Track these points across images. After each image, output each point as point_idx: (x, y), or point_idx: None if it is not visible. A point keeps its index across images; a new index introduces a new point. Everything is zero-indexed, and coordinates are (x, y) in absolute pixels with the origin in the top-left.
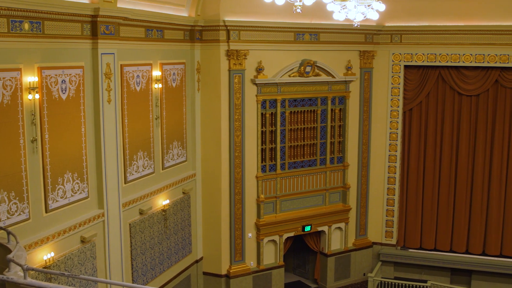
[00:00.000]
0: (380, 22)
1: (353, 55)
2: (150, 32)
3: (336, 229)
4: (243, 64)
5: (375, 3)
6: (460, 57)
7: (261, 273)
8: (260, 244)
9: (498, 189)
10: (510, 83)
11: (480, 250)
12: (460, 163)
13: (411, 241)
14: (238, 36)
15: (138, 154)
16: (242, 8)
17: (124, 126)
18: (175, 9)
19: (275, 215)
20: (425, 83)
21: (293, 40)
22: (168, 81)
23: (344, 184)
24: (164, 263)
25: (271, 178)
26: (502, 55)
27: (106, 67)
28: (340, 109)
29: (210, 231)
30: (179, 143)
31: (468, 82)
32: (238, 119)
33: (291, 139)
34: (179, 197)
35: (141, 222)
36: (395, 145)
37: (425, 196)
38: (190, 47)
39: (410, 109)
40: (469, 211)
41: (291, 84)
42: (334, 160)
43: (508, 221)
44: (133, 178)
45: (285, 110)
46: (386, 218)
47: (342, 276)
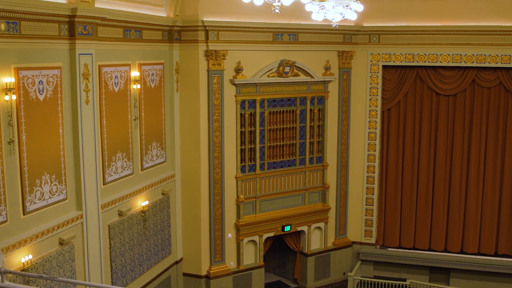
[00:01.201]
0: (358, 23)
1: (332, 55)
2: (128, 32)
3: (316, 229)
4: (222, 65)
5: (353, 3)
6: (437, 57)
7: (241, 274)
8: (240, 244)
9: (476, 187)
10: (486, 83)
11: (458, 248)
12: (438, 162)
13: (390, 240)
14: (217, 37)
15: (117, 155)
16: (221, 9)
17: (102, 127)
18: (153, 9)
19: (255, 215)
20: (403, 83)
21: (272, 41)
22: (146, 82)
23: (323, 184)
24: (144, 264)
25: (251, 179)
26: (479, 55)
27: (84, 67)
28: (319, 109)
29: (190, 232)
30: (158, 144)
31: (445, 82)
32: (217, 119)
33: (270, 139)
34: (159, 198)
35: (120, 223)
36: (373, 144)
37: (404, 195)
38: (169, 47)
39: (389, 109)
40: (447, 209)
41: (270, 85)
42: (313, 160)
43: (485, 219)
44: (112, 179)
45: (264, 110)
46: (365, 218)
47: (322, 276)
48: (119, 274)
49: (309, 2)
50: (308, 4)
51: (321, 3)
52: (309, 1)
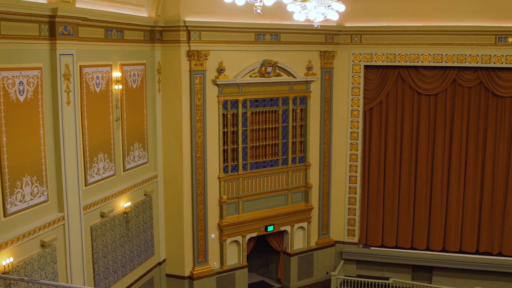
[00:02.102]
0: (340, 23)
1: (314, 55)
2: (109, 32)
3: (299, 229)
4: (204, 65)
5: (335, 3)
6: (418, 57)
7: (224, 274)
8: (223, 245)
9: (457, 186)
10: (467, 83)
11: (440, 246)
12: (420, 162)
13: (373, 239)
14: (199, 37)
15: (99, 156)
16: (203, 9)
17: (84, 128)
18: (135, 9)
19: (238, 215)
20: (385, 82)
21: (254, 41)
22: (128, 82)
23: (306, 184)
24: (127, 265)
25: (233, 179)
26: (460, 55)
27: (64, 68)
28: (302, 109)
29: (173, 232)
30: (140, 144)
31: (426, 81)
32: (200, 120)
33: (253, 140)
34: (141, 199)
35: (103, 225)
36: (356, 144)
37: (386, 195)
38: (151, 47)
39: (371, 109)
40: (429, 208)
41: (252, 85)
42: (296, 160)
43: (466, 217)
44: (94, 181)
45: (246, 111)
46: (348, 217)
47: (305, 275)
48: (102, 276)
49: (291, 2)
50: (290, 4)
51: (303, 3)
52: (291, 1)
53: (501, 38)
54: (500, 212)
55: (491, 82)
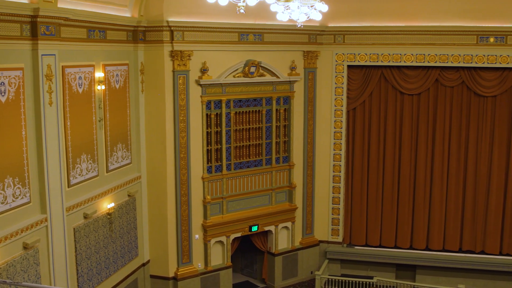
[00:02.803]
0: (323, 23)
1: (297, 56)
2: (92, 32)
3: (283, 229)
4: (188, 65)
5: (318, 4)
6: (401, 57)
7: (209, 275)
8: (208, 245)
9: (440, 185)
10: (449, 82)
11: (423, 245)
12: (403, 161)
13: (357, 239)
14: (182, 37)
15: (82, 157)
16: (186, 9)
17: (66, 129)
18: (117, 9)
19: (222, 216)
20: (368, 82)
21: (237, 41)
22: (111, 83)
23: (290, 184)
24: (110, 267)
25: (217, 179)
26: (442, 55)
27: (47, 68)
28: (285, 109)
29: (157, 233)
30: (124, 145)
31: (409, 81)
32: (183, 120)
33: (236, 140)
34: (125, 200)
35: (86, 226)
36: (339, 144)
37: (370, 194)
38: (134, 48)
39: (354, 108)
40: (412, 207)
41: (236, 85)
42: (280, 160)
43: (449, 216)
44: (77, 182)
45: (230, 111)
46: (332, 216)
47: (290, 275)
48: (85, 277)
49: (274, 2)
50: (273, 5)
51: (286, 3)
52: (274, 1)
53: (483, 38)
54: (483, 211)
55: (473, 82)
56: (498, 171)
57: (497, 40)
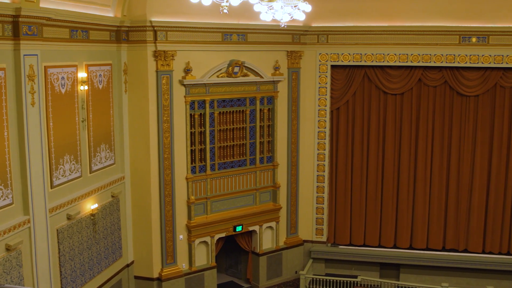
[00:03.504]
0: (307, 23)
1: (281, 55)
2: (75, 32)
3: (267, 228)
4: (171, 65)
5: (301, 4)
6: (384, 57)
7: (193, 275)
8: (192, 245)
9: (423, 184)
10: (432, 82)
11: (407, 244)
12: (387, 160)
13: (341, 238)
14: (166, 37)
15: (65, 158)
16: (169, 9)
17: (49, 130)
18: (100, 9)
19: (206, 216)
20: (352, 82)
21: (221, 41)
22: (94, 83)
23: (274, 184)
24: (94, 268)
25: (201, 179)
26: (425, 55)
27: (29, 69)
28: (269, 109)
29: (141, 234)
30: (107, 145)
31: (392, 81)
32: (167, 120)
33: (220, 140)
34: (108, 200)
35: (69, 227)
36: (323, 143)
37: (354, 193)
38: (117, 48)
39: (338, 108)
40: (396, 206)
41: (220, 85)
42: (264, 159)
43: (433, 215)
44: (60, 183)
45: (214, 111)
46: (316, 216)
47: (274, 275)
48: (69, 279)
49: (258, 2)
50: (256, 5)
51: (270, 3)
52: (258, 1)
53: (465, 38)
54: (466, 210)
55: (455, 82)
56: (480, 170)
57: (479, 40)
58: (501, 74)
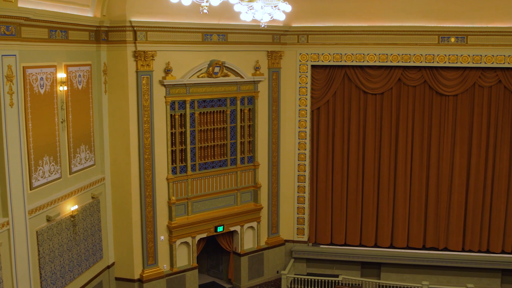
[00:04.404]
0: (287, 23)
1: (261, 56)
2: (53, 33)
3: (249, 229)
4: (151, 65)
5: (281, 4)
6: (364, 57)
7: (174, 276)
8: (173, 246)
9: (403, 183)
10: (412, 82)
11: (388, 243)
12: (367, 160)
13: (322, 237)
14: (145, 37)
15: (44, 159)
16: (149, 9)
17: (28, 131)
18: (79, 9)
19: (187, 216)
20: (332, 82)
21: (201, 41)
22: (73, 83)
23: (255, 184)
24: (75, 270)
25: (182, 180)
26: (404, 55)
27: (7, 69)
28: (250, 109)
29: (121, 235)
30: (87, 146)
31: (372, 81)
32: (147, 121)
33: (201, 140)
34: (88, 202)
35: (49, 229)
36: (304, 143)
37: (334, 193)
38: (96, 48)
39: (318, 108)
40: (376, 206)
41: (200, 85)
42: (245, 160)
43: (413, 214)
44: (39, 184)
45: (194, 111)
46: (297, 216)
47: (256, 275)
48: (49, 281)
49: (238, 2)
50: (236, 5)
51: (250, 3)
52: (238, 1)
53: (444, 38)
54: (445, 208)
55: (434, 81)
56: (459, 169)
57: (458, 40)
58: (479, 74)
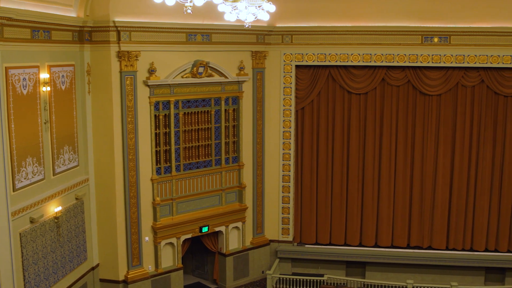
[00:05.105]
0: (271, 23)
1: (245, 56)
2: (36, 33)
3: (234, 229)
4: (135, 66)
5: (265, 4)
6: (348, 57)
7: (159, 277)
8: (158, 247)
9: (388, 183)
10: (395, 82)
11: (372, 242)
12: (351, 159)
13: (307, 237)
14: (129, 37)
15: (27, 160)
16: (133, 9)
17: (10, 132)
18: (62, 9)
19: (172, 217)
20: (316, 82)
21: (185, 41)
22: (57, 84)
23: (240, 184)
24: (59, 272)
25: (167, 180)
26: (388, 55)
27: None
28: (234, 109)
29: (106, 236)
30: (71, 147)
31: (356, 81)
32: (131, 121)
33: (185, 141)
34: (72, 203)
35: (33, 231)
36: (288, 143)
37: (319, 193)
38: (80, 48)
39: (302, 108)
40: (361, 205)
41: (184, 85)
42: (229, 160)
43: (397, 213)
44: (22, 186)
45: (179, 111)
46: (282, 216)
47: (241, 275)
48: (33, 283)
49: (222, 2)
50: (220, 5)
51: (234, 3)
52: (222, 1)
53: (427, 38)
54: (429, 207)
55: (418, 81)
56: (443, 168)
57: (441, 40)
58: (462, 74)
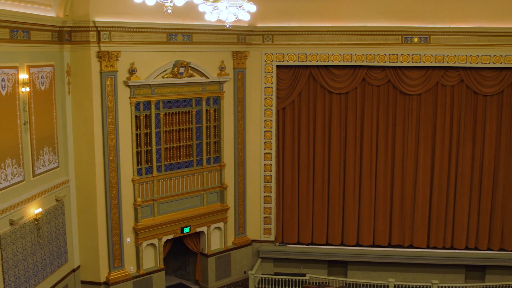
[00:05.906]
0: (252, 23)
1: (226, 56)
2: (15, 33)
3: (215, 229)
4: (115, 66)
5: (246, 4)
6: (329, 57)
7: (141, 278)
8: (139, 248)
9: (369, 182)
10: (376, 81)
11: (354, 241)
12: (332, 159)
13: (289, 237)
14: (109, 37)
15: (6, 162)
16: (113, 9)
17: None
18: (41, 9)
19: (153, 218)
20: (297, 82)
21: (165, 41)
22: (36, 85)
23: (221, 184)
24: (39, 274)
25: (148, 181)
26: (368, 55)
27: None
28: (215, 110)
29: (87, 238)
30: (50, 148)
31: (337, 80)
32: (112, 122)
33: (166, 141)
34: (52, 204)
35: (12, 233)
36: (270, 143)
37: (301, 192)
38: (59, 48)
39: (284, 108)
40: (342, 204)
41: (165, 86)
42: (211, 160)
43: (378, 212)
44: (1, 187)
45: (159, 112)
46: (264, 216)
47: (223, 275)
48: (13, 286)
49: (202, 2)
50: (201, 5)
51: (214, 3)
52: (202, 1)
53: (407, 38)
54: (410, 206)
55: (398, 81)
56: (424, 167)
57: (421, 40)
58: (442, 73)
